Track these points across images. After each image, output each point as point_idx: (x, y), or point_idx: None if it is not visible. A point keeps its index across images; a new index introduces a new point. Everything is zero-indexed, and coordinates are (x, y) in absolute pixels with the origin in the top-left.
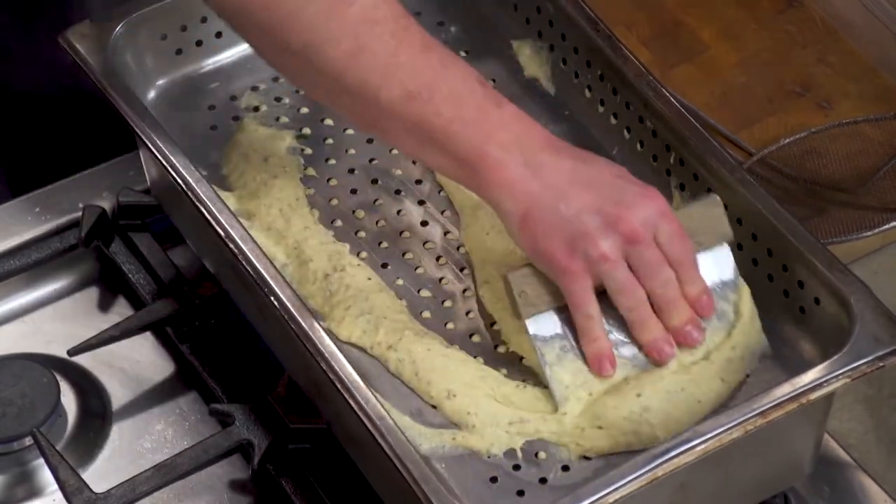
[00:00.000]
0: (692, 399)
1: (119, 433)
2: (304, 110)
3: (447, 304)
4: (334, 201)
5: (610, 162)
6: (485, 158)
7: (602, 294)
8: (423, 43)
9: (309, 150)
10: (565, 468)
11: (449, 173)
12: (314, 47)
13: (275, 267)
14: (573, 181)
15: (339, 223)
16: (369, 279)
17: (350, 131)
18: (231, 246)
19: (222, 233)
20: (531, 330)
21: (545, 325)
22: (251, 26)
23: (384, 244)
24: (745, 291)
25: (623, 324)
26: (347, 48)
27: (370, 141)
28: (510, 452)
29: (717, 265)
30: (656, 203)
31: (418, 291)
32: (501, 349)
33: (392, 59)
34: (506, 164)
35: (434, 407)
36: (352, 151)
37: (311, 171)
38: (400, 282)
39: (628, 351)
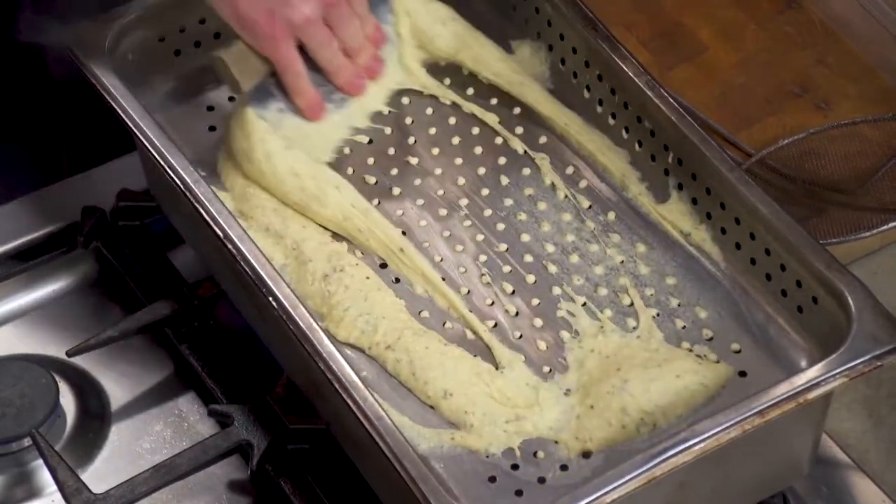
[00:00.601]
0: (670, 374)
1: (118, 434)
2: None
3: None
4: None
5: None
6: None
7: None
8: None
9: None
10: (564, 467)
11: None
12: None
13: (273, 267)
14: None
15: None
16: (368, 279)
17: None
18: (230, 246)
19: (221, 233)
20: (250, 103)
21: (260, 95)
22: None
23: None
24: (399, 11)
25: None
26: None
27: (370, 142)
28: (508, 452)
29: None
30: None
31: (416, 291)
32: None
33: None
34: None
35: (432, 407)
36: (348, 151)
37: None
38: (398, 282)
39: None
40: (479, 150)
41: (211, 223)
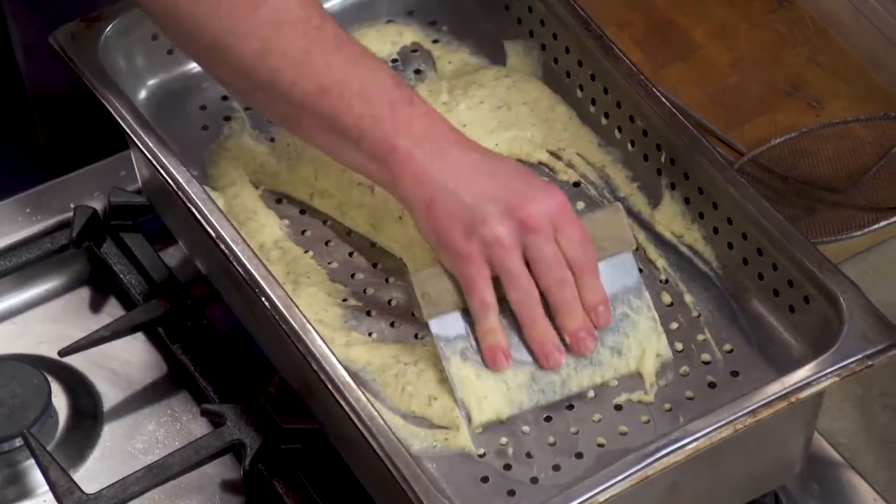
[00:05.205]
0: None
1: (110, 433)
2: None
3: None
4: None
5: (518, 162)
6: (394, 152)
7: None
8: (336, 41)
9: None
10: (556, 467)
11: (363, 171)
12: (223, 45)
13: (266, 267)
14: (476, 170)
15: (329, 223)
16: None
17: None
18: (222, 246)
19: (213, 233)
20: (434, 330)
21: (448, 325)
22: (168, 17)
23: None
24: (648, 300)
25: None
26: (256, 47)
27: None
28: (501, 452)
29: (620, 272)
30: (557, 199)
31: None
32: None
33: (304, 57)
34: (414, 157)
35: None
36: None
37: None
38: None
39: (528, 356)
40: None
41: (204, 223)
